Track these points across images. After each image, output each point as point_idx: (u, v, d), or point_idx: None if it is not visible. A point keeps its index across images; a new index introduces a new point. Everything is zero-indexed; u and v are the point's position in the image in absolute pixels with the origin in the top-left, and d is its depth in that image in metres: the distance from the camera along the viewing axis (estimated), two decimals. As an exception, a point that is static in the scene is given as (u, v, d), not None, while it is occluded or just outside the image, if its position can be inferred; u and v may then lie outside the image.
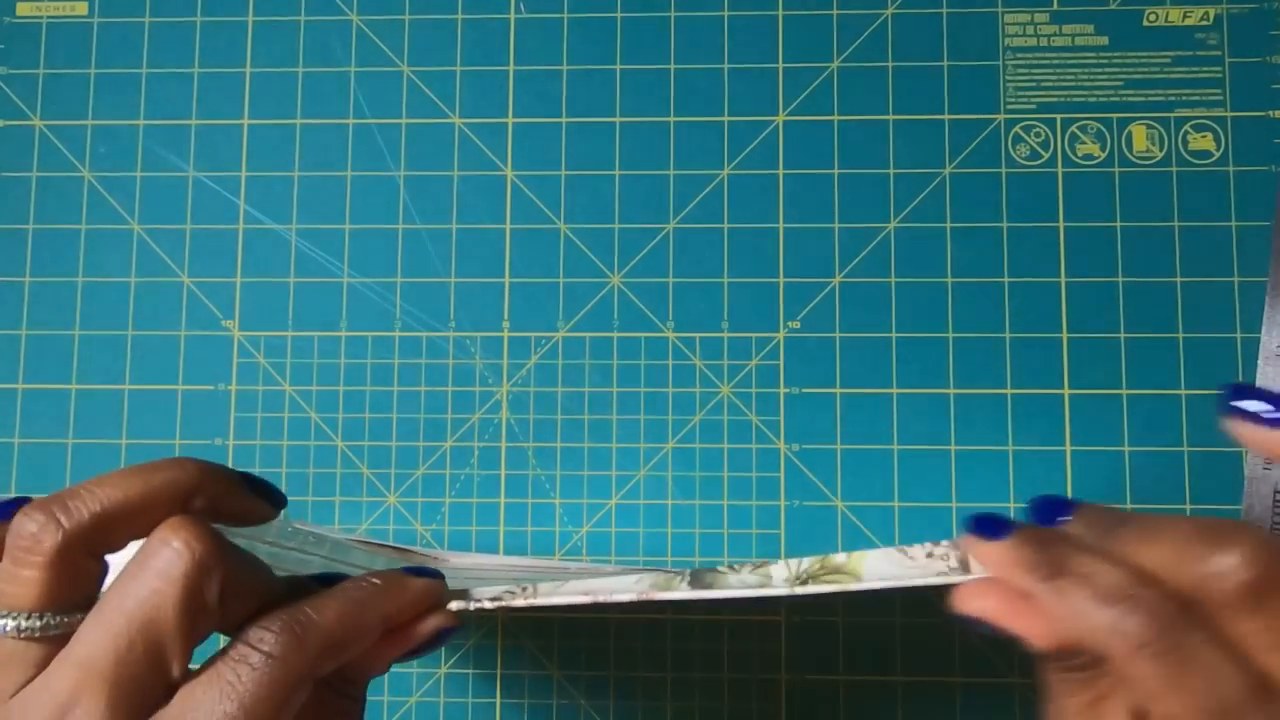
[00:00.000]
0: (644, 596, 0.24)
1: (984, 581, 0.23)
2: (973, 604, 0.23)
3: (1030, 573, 0.23)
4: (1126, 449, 0.38)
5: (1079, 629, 0.22)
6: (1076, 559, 0.22)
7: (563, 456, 0.39)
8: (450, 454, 0.39)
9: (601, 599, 0.24)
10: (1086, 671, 0.22)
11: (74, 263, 0.41)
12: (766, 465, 0.39)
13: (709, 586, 0.24)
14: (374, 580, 0.24)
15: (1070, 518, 0.24)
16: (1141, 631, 0.21)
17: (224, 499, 0.23)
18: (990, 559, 0.23)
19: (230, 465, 0.39)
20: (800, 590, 0.24)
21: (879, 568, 0.25)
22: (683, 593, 0.24)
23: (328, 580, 0.24)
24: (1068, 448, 0.38)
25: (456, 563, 0.37)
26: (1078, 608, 0.22)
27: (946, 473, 0.38)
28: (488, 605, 0.25)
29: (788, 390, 0.39)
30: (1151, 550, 0.22)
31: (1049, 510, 0.25)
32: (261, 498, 0.25)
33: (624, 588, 0.25)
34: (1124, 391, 0.38)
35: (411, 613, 0.24)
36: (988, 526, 0.24)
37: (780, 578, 0.25)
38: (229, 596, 0.22)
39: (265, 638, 0.21)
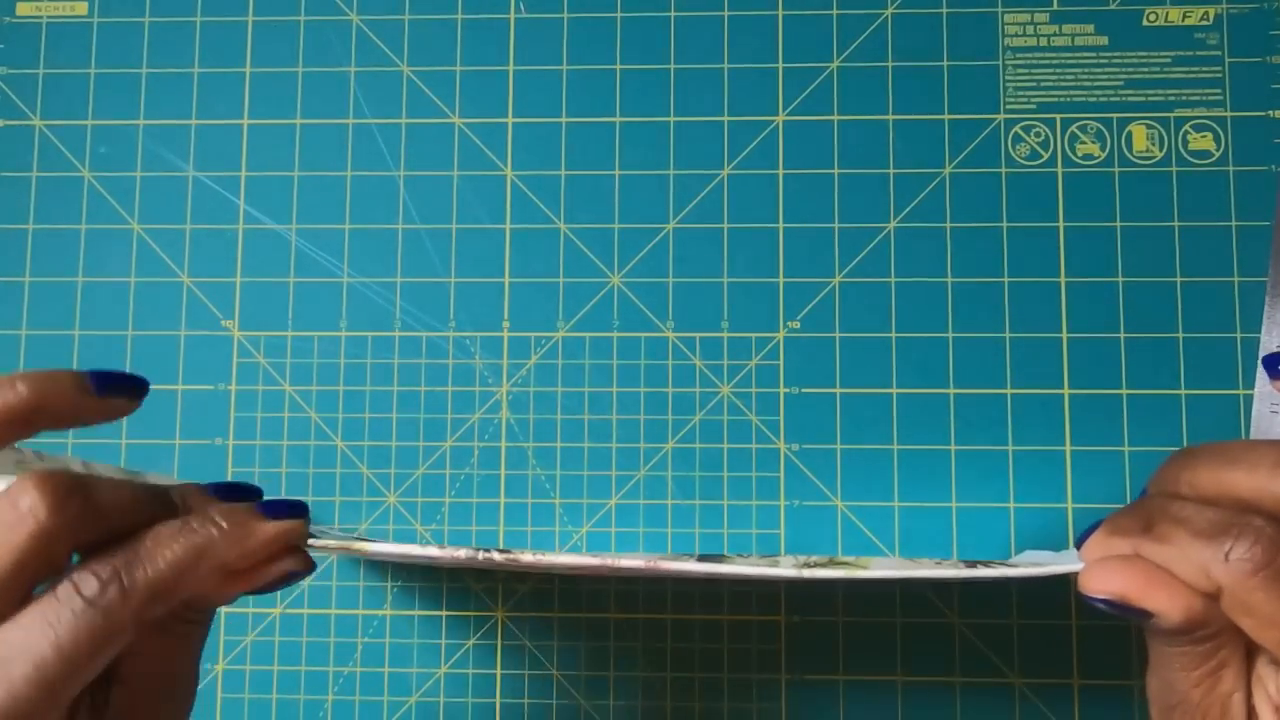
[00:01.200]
0: (652, 564, 0.25)
1: (1110, 560, 0.23)
2: (1102, 584, 0.23)
3: (1127, 535, 0.23)
4: (1126, 449, 0.38)
5: (1191, 573, 0.21)
6: (1171, 507, 0.22)
7: (563, 456, 0.39)
8: (450, 454, 0.39)
9: (610, 563, 0.25)
10: (1208, 643, 0.22)
11: (74, 263, 0.41)
12: (766, 465, 0.39)
13: (717, 562, 0.25)
14: (221, 524, 0.23)
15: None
16: (1253, 555, 0.21)
17: (69, 410, 0.23)
18: (1092, 546, 0.24)
19: (230, 465, 0.39)
20: (808, 573, 0.25)
21: (886, 564, 0.25)
22: (690, 565, 0.25)
23: (227, 490, 0.24)
24: (1068, 448, 0.38)
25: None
26: (1183, 550, 0.22)
27: (946, 473, 0.38)
28: (416, 552, 0.25)
29: (788, 390, 0.39)
30: (1237, 474, 0.22)
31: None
32: (115, 394, 0.24)
33: (632, 556, 0.25)
34: (1124, 391, 0.38)
35: (257, 559, 0.24)
36: (1088, 530, 0.24)
37: (788, 564, 0.25)
38: (86, 541, 0.22)
39: (90, 584, 0.21)
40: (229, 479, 0.39)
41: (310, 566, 0.25)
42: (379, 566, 0.39)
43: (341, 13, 0.41)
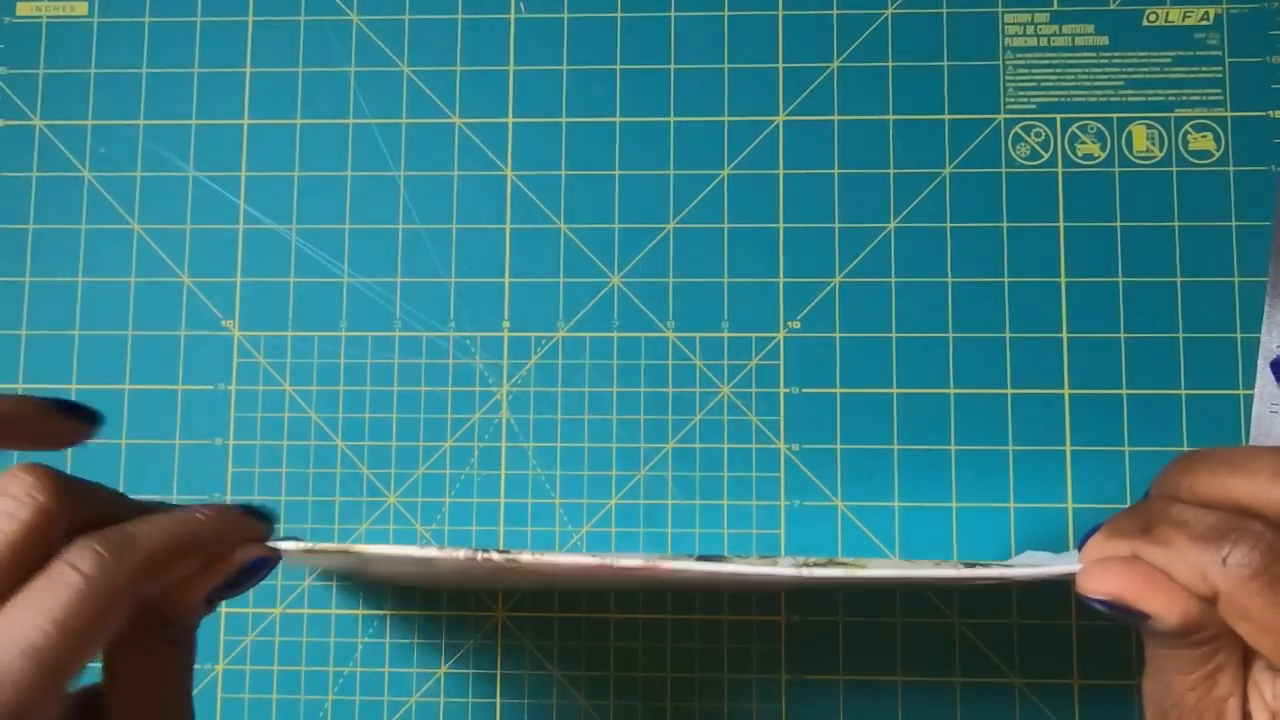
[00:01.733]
0: (650, 563, 0.25)
1: (1108, 561, 0.23)
2: (1099, 585, 0.23)
3: (1127, 537, 0.23)
4: (1126, 449, 0.38)
5: (1188, 576, 0.21)
6: (1170, 510, 0.22)
7: (563, 456, 0.39)
8: (450, 454, 0.39)
9: (609, 562, 0.25)
10: (1205, 646, 0.22)
11: (74, 263, 0.41)
12: (766, 465, 0.39)
13: (717, 563, 0.25)
14: (206, 511, 0.24)
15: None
16: (1251, 560, 0.21)
17: (31, 426, 0.24)
18: (1091, 547, 0.24)
19: (230, 465, 0.39)
20: (807, 572, 0.25)
21: (884, 564, 0.25)
22: (689, 564, 0.25)
23: None
24: (1068, 448, 0.38)
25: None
26: (1181, 553, 0.22)
27: (946, 473, 0.38)
28: (427, 554, 0.25)
29: (788, 390, 0.39)
30: (1238, 480, 0.22)
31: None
32: (74, 418, 0.25)
33: (631, 555, 0.25)
34: (1124, 391, 0.38)
35: (235, 543, 0.25)
36: (1089, 532, 0.24)
37: (787, 564, 0.25)
38: (80, 526, 0.22)
39: (86, 558, 0.21)
40: (229, 479, 0.39)
41: (275, 555, 0.25)
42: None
43: (341, 13, 0.41)
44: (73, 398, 0.40)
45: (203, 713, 0.38)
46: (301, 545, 0.25)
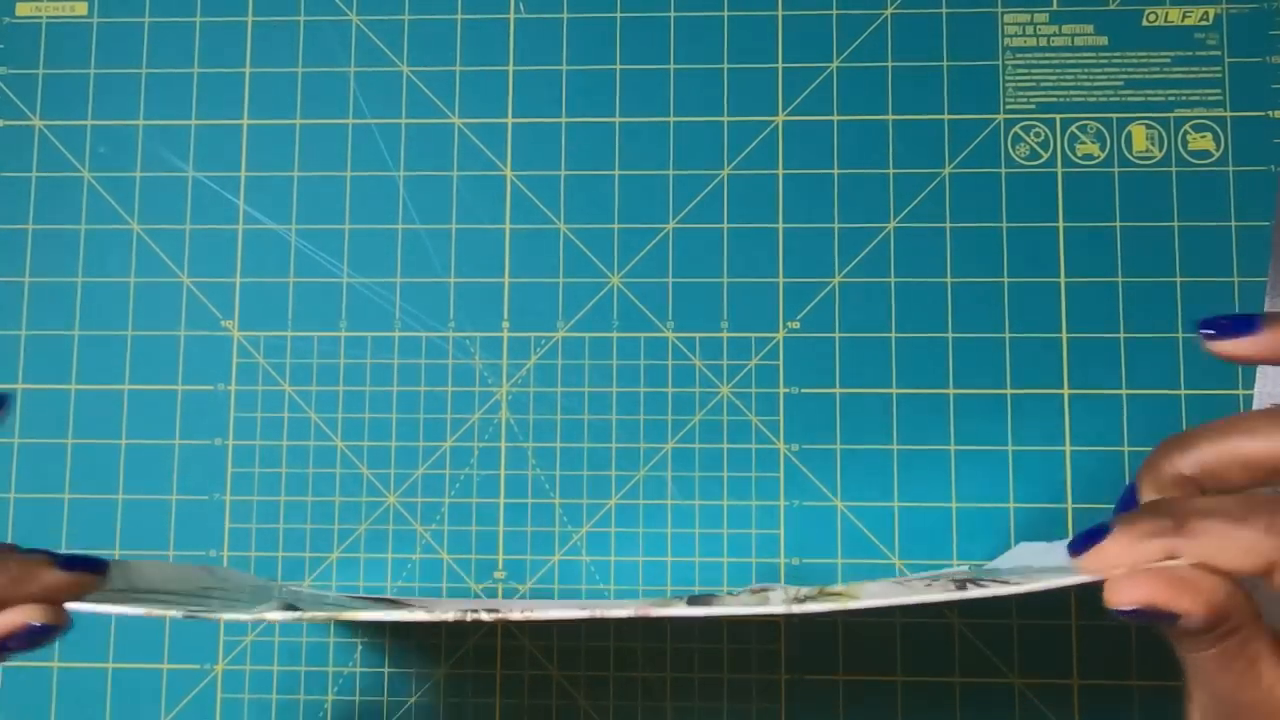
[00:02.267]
0: (641, 612, 0.25)
1: (1133, 572, 0.23)
2: (1132, 595, 0.23)
3: (1160, 536, 0.22)
4: (1126, 449, 0.38)
5: (1238, 558, 0.21)
6: (1194, 502, 0.22)
7: (563, 456, 0.39)
8: (450, 454, 0.39)
9: (598, 614, 0.25)
10: (1234, 637, 0.22)
11: (74, 263, 0.41)
12: (766, 465, 0.39)
13: (707, 605, 0.25)
14: (7, 564, 0.24)
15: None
16: None
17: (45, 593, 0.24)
18: (1111, 554, 0.23)
19: (230, 466, 0.39)
20: (798, 609, 0.24)
21: (876, 592, 0.25)
22: (679, 609, 0.24)
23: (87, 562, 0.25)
24: (1067, 448, 0.38)
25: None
26: (1224, 537, 0.21)
27: (946, 473, 0.38)
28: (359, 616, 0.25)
29: (787, 390, 0.39)
30: (1240, 443, 0.22)
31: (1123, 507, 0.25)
32: (78, 570, 0.25)
33: (621, 604, 0.25)
34: (1124, 391, 0.38)
35: (20, 598, 0.24)
36: (1088, 537, 0.23)
37: (778, 599, 0.25)
38: None
39: None
40: (228, 479, 0.39)
41: (63, 623, 0.24)
42: (380, 566, 0.39)
43: (341, 13, 0.41)
44: (72, 398, 0.40)
45: (203, 713, 0.38)
46: (289, 615, 0.25)
